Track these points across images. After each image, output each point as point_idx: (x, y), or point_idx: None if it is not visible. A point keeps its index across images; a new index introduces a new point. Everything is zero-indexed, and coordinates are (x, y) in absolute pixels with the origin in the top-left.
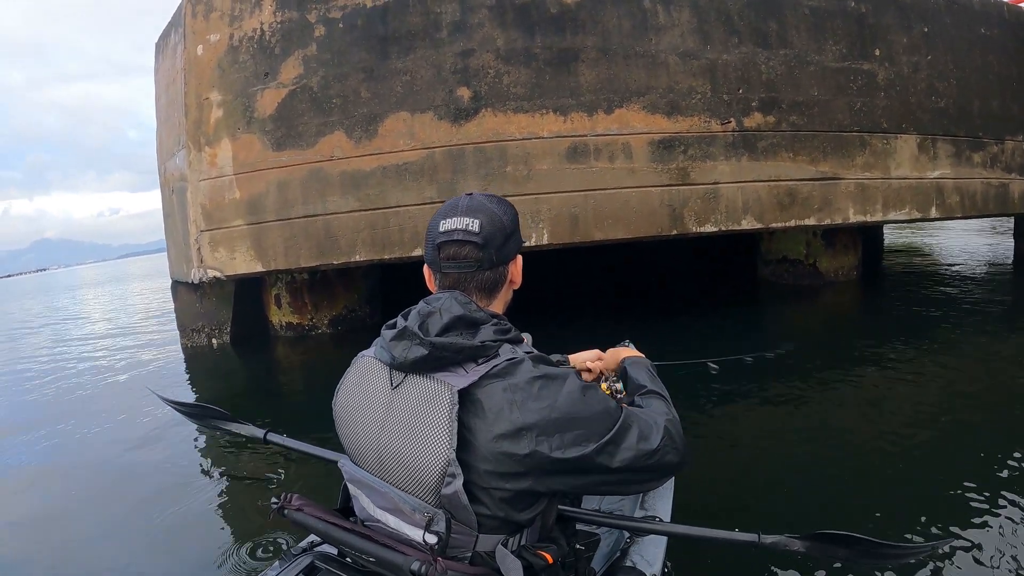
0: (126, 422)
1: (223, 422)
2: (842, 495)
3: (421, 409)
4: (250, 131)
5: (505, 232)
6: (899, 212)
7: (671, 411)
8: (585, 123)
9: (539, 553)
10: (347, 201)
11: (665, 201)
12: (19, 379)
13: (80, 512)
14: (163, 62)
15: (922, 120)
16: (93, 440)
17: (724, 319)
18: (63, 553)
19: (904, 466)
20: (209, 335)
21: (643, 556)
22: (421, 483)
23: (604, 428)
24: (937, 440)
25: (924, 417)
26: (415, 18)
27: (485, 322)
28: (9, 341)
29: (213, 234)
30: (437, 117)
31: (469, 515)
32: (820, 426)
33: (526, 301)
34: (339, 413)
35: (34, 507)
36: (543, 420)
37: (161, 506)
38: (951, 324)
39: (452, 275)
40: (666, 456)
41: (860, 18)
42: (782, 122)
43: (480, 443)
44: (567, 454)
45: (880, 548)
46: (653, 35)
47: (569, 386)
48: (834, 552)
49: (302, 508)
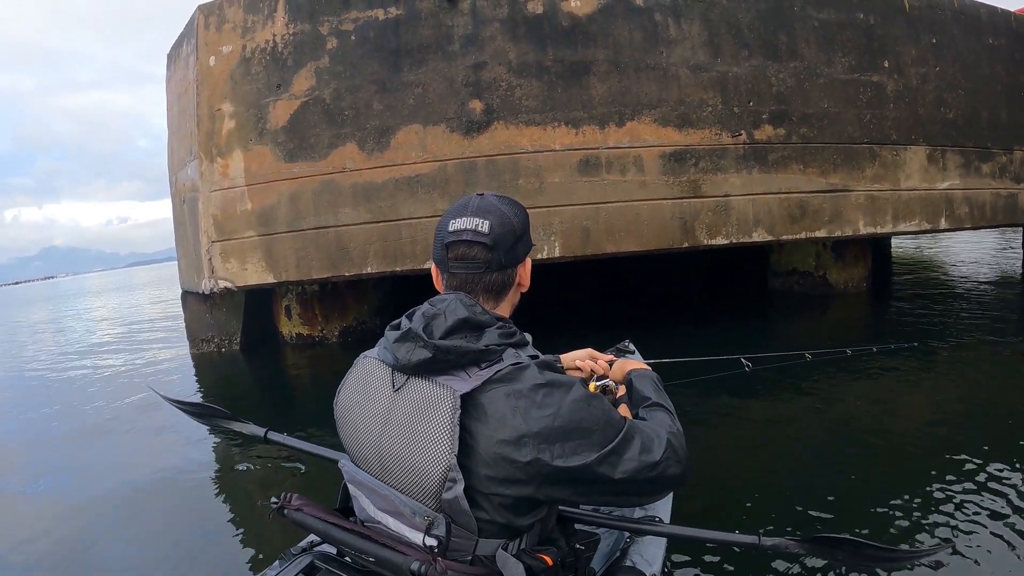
0: (126, 422)
1: (224, 421)
2: (843, 499)
3: (423, 413)
4: (262, 142)
5: (515, 234)
6: (909, 223)
7: (675, 424)
8: (597, 136)
9: (539, 556)
10: (359, 213)
11: (676, 214)
12: (28, 379)
13: (79, 513)
14: (175, 72)
15: (931, 131)
16: (93, 440)
17: (729, 330)
18: (62, 553)
19: (905, 472)
20: (219, 345)
21: (643, 556)
22: (422, 487)
23: (607, 438)
24: (939, 447)
25: (927, 425)
26: (427, 31)
27: (490, 325)
28: (18, 347)
29: (224, 245)
30: (449, 130)
31: (469, 520)
32: (822, 431)
33: (535, 306)
34: (340, 414)
35: (34, 506)
36: (546, 428)
37: (161, 505)
38: (957, 335)
39: (459, 275)
40: (668, 469)
41: (869, 30)
42: (792, 134)
43: (481, 448)
44: (569, 462)
45: (880, 552)
46: (664, 48)
47: (574, 394)
48: (834, 555)
49: (302, 508)
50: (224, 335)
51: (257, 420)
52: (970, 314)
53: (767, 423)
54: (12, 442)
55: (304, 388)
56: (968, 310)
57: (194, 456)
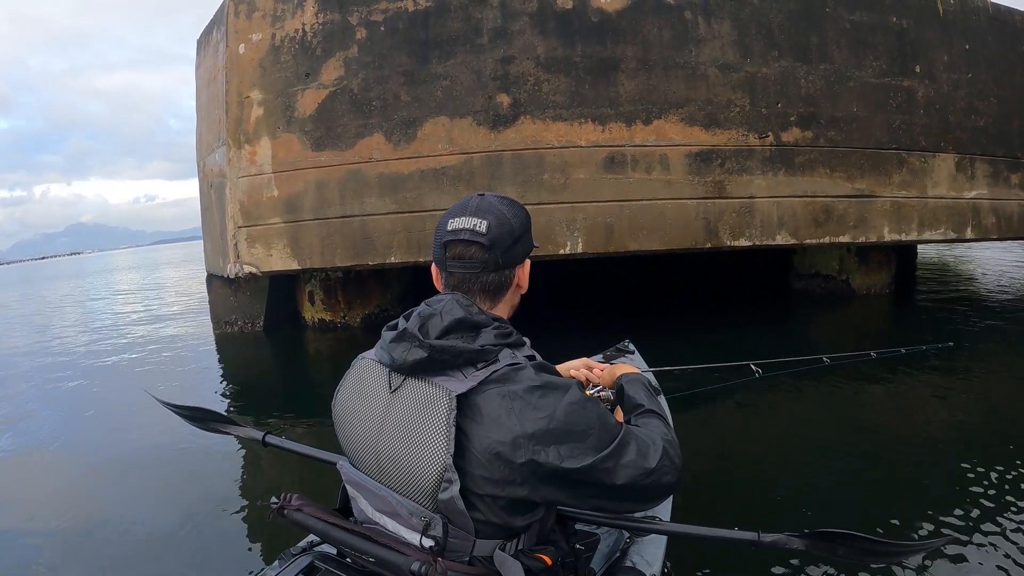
0: (125, 425)
1: (221, 424)
2: (842, 496)
3: (419, 413)
4: (290, 130)
5: (513, 235)
6: (934, 232)
7: (669, 431)
8: (623, 133)
9: (537, 556)
10: (384, 203)
11: (700, 214)
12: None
13: (78, 513)
14: (205, 58)
15: (961, 139)
16: (92, 441)
17: (745, 331)
18: (60, 552)
19: (906, 469)
20: (242, 328)
21: (643, 556)
22: (418, 488)
23: (602, 442)
24: (940, 445)
25: (939, 429)
26: (456, 24)
27: (486, 325)
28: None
29: (250, 230)
30: (476, 123)
31: (466, 520)
32: (823, 430)
33: (556, 300)
34: (338, 415)
35: (33, 505)
36: (541, 430)
37: (160, 506)
38: (973, 343)
39: (457, 275)
40: (663, 476)
41: (901, 33)
42: (820, 138)
43: (476, 449)
44: (564, 465)
45: (879, 546)
46: (693, 47)
47: (570, 397)
48: (833, 550)
49: (301, 508)
50: (247, 318)
51: (257, 422)
52: (993, 324)
53: (768, 425)
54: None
55: (323, 371)
56: (992, 320)
57: (194, 456)
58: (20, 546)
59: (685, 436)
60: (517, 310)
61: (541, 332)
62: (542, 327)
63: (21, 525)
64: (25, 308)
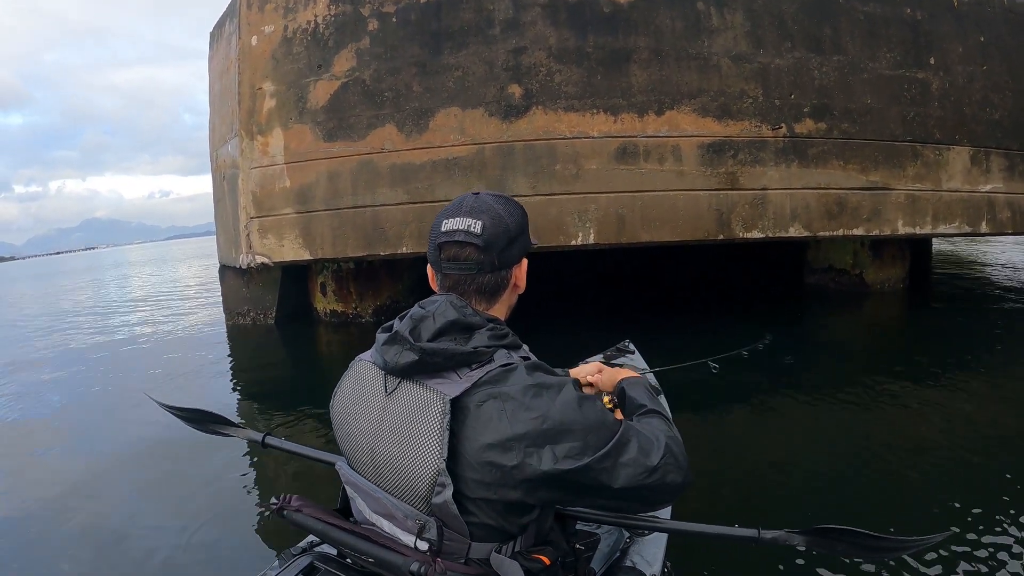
0: (127, 423)
1: (221, 426)
2: (842, 493)
3: (413, 417)
4: (302, 121)
5: (509, 235)
6: (949, 226)
7: (672, 430)
8: (635, 124)
9: (535, 557)
10: (396, 193)
11: (713, 205)
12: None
13: (77, 512)
14: (217, 51)
15: (976, 132)
16: (93, 439)
17: (761, 324)
18: (60, 552)
19: (907, 466)
20: (254, 319)
21: (643, 556)
22: (412, 490)
23: (600, 441)
24: (940, 445)
25: (932, 425)
26: (468, 14)
27: (480, 327)
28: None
29: (262, 221)
30: (488, 113)
31: (460, 524)
32: (824, 427)
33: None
34: (336, 416)
35: (32, 504)
36: (533, 431)
37: (161, 505)
38: (988, 341)
39: (452, 276)
40: (668, 475)
41: (915, 25)
42: (833, 129)
43: (468, 453)
44: (559, 466)
45: (879, 542)
46: (706, 37)
47: (564, 395)
48: (833, 546)
49: (301, 508)
50: (259, 309)
51: (264, 414)
52: (1006, 319)
53: (769, 422)
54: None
55: (335, 361)
56: (1005, 315)
57: (194, 456)
58: (20, 545)
59: (685, 436)
60: (519, 308)
61: (550, 329)
62: (551, 324)
63: (21, 524)
64: (32, 308)
